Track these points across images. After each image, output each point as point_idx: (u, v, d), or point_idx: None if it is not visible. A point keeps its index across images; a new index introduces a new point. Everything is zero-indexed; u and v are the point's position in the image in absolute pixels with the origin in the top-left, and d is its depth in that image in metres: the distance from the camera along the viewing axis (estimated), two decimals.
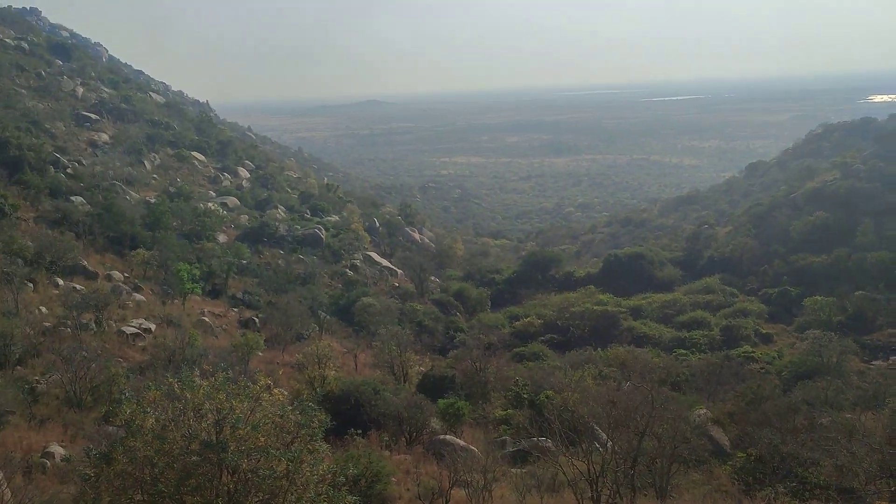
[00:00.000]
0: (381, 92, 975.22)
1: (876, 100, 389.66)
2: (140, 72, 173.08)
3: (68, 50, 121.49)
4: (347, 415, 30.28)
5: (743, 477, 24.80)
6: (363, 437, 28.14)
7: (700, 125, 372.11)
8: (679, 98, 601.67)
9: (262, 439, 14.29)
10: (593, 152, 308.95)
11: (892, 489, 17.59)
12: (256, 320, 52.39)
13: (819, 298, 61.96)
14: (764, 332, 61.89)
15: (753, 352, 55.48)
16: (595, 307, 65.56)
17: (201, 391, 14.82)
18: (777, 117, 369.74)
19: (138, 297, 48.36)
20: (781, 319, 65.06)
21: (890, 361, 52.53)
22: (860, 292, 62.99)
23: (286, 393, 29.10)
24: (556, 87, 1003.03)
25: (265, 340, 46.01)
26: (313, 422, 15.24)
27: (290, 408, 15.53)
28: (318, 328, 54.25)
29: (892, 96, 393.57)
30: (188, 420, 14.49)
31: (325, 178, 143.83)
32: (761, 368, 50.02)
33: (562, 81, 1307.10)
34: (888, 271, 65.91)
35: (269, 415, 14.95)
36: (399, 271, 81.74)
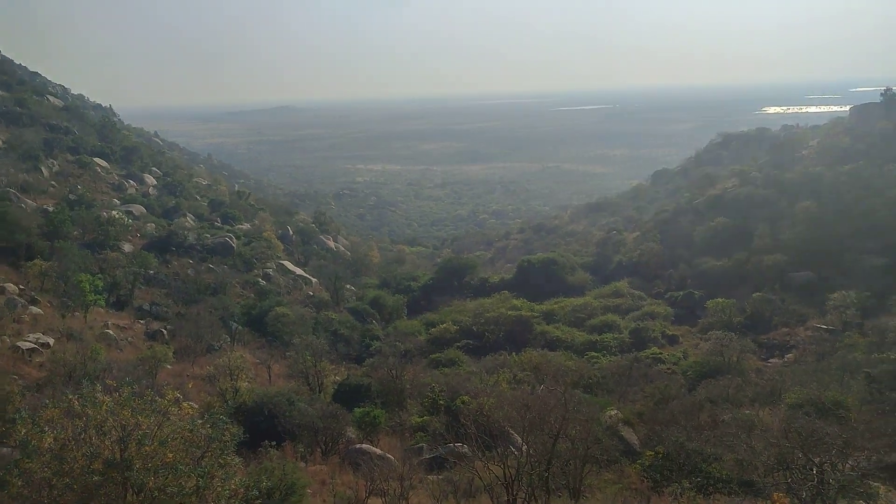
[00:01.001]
0: (293, 98, 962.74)
1: (770, 111, 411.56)
2: (36, 73, 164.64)
3: None
4: (261, 427, 29.62)
5: (651, 474, 25.52)
6: (277, 449, 27.57)
7: (608, 134, 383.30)
8: (588, 107, 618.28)
9: (171, 455, 13.84)
10: (506, 160, 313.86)
11: (788, 481, 18.48)
12: (165, 332, 50.71)
13: (720, 300, 64.71)
14: (670, 333, 64.12)
15: (661, 353, 57.39)
16: (509, 312, 66.43)
17: (104, 407, 14.22)
18: (680, 126, 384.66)
19: (35, 310, 46.01)
20: (686, 321, 67.59)
21: (785, 359, 55.31)
22: (758, 294, 66.13)
23: (196, 406, 28.31)
24: (468, 96, 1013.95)
25: (174, 353, 44.56)
26: (224, 435, 14.87)
27: (201, 422, 15.09)
28: (229, 339, 52.97)
29: (785, 108, 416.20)
30: (90, 438, 13.87)
31: (237, 186, 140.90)
32: (668, 369, 51.79)
33: (473, 90, 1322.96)
34: (782, 274, 69.48)
35: (178, 430, 14.48)
36: (314, 280, 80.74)
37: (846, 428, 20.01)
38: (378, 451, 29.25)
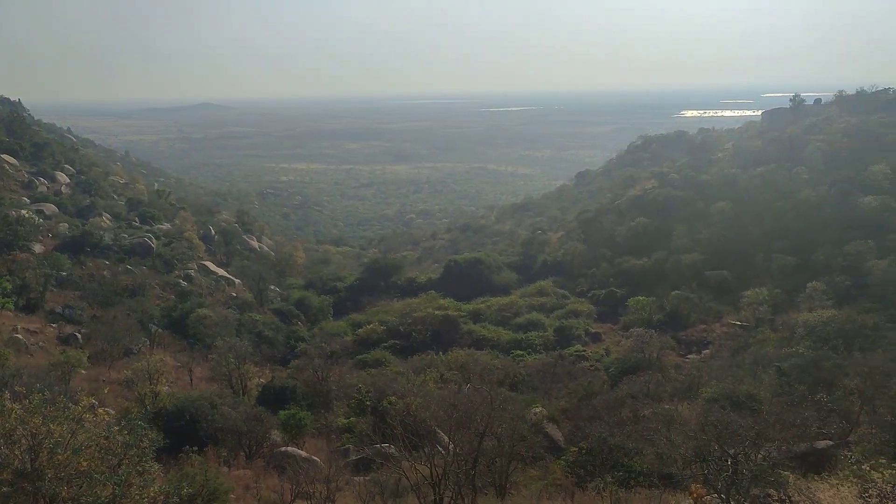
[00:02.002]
0: (214, 95, 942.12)
1: (687, 115, 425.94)
2: None
3: None
4: (182, 432, 28.83)
5: (575, 470, 25.99)
6: (199, 455, 26.89)
7: (533, 135, 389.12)
8: (513, 109, 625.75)
9: (85, 463, 13.33)
10: (433, 160, 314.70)
11: (705, 472, 19.10)
12: (79, 336, 48.88)
13: (641, 298, 66.51)
14: (593, 331, 65.54)
15: (584, 350, 58.62)
16: (436, 312, 66.64)
17: (13, 415, 13.60)
18: (602, 129, 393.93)
19: None
20: (609, 319, 69.19)
21: (702, 355, 57.28)
22: (676, 292, 68.23)
23: (112, 412, 27.34)
24: (394, 96, 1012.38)
25: (89, 357, 42.93)
26: (143, 441, 14.43)
27: (117, 428, 14.60)
28: (148, 342, 51.42)
29: (701, 112, 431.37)
30: None
31: (156, 184, 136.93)
32: (591, 366, 52.95)
33: (399, 90, 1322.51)
34: (699, 272, 71.93)
35: (93, 437, 13.98)
36: (237, 281, 79.13)
37: (758, 420, 20.79)
38: (304, 453, 28.88)
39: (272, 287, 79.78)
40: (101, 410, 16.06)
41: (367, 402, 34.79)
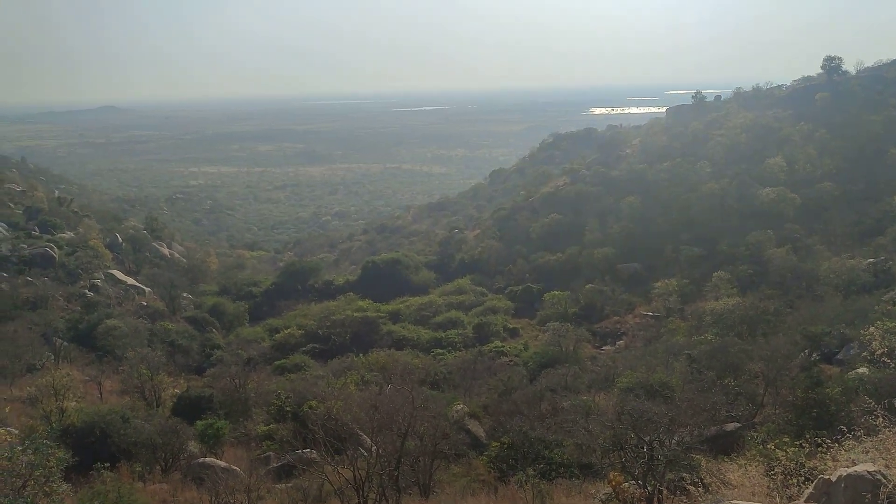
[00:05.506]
0: (117, 97, 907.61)
1: (596, 112, 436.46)
2: None
3: None
4: (93, 448, 27.72)
5: (498, 465, 26.29)
6: (112, 471, 25.89)
7: (447, 135, 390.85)
8: (426, 109, 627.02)
9: None
10: (347, 161, 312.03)
11: (623, 460, 19.67)
12: None
13: (556, 293, 67.88)
14: (511, 326, 66.45)
15: (503, 346, 59.33)
16: (355, 314, 66.21)
17: None
18: (514, 127, 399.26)
19: None
20: (526, 314, 70.32)
21: (616, 346, 58.94)
22: (590, 285, 69.96)
23: (16, 432, 26.10)
24: (304, 96, 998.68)
25: None
26: (49, 461, 13.78)
27: (21, 448, 13.89)
28: (53, 357, 49.12)
29: (609, 109, 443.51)
30: None
31: (56, 192, 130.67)
32: (510, 361, 53.59)
33: (310, 90, 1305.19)
34: (611, 265, 73.98)
35: None
36: (147, 289, 76.52)
37: (671, 407, 21.50)
38: (222, 463, 28.21)
39: (185, 294, 77.61)
40: (2, 431, 15.26)
41: (287, 408, 34.23)
